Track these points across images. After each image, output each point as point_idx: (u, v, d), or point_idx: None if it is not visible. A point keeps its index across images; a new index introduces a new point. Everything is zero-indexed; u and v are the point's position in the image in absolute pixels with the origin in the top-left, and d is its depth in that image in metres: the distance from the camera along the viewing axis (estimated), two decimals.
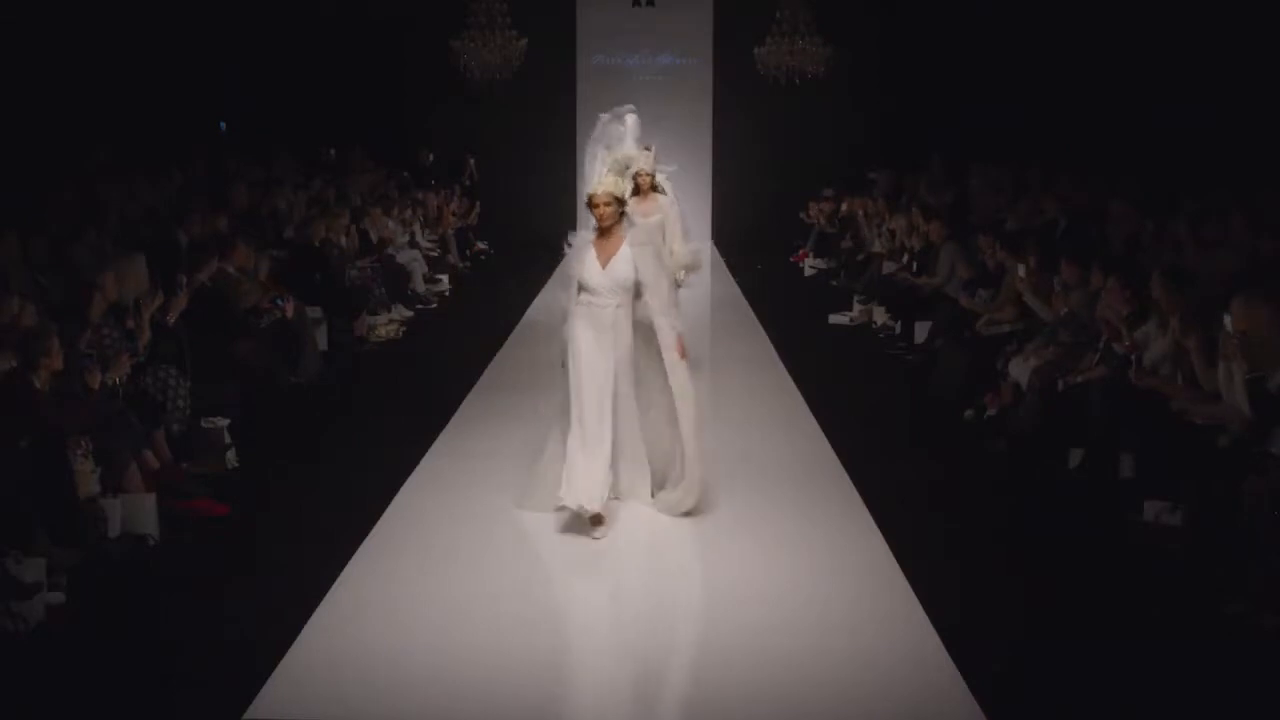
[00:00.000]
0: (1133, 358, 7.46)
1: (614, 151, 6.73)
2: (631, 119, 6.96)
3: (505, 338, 11.93)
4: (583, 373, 6.55)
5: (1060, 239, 10.88)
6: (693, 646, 5.42)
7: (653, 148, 9.21)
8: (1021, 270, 9.19)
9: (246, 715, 4.71)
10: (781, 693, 4.94)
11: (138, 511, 6.51)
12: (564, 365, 6.71)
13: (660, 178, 9.50)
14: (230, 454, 7.79)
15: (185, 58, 16.33)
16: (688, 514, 6.77)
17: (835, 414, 8.98)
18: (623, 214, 6.72)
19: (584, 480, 6.43)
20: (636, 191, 8.93)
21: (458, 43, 17.02)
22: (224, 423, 7.85)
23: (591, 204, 6.59)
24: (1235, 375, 6.38)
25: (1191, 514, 6.33)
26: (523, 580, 6.01)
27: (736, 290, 14.83)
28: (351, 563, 6.14)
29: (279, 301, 9.68)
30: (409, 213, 15.55)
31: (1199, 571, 5.96)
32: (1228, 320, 6.48)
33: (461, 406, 9.31)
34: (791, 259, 17.84)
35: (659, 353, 6.67)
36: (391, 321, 12.43)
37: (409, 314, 13.02)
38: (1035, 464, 7.76)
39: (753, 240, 18.39)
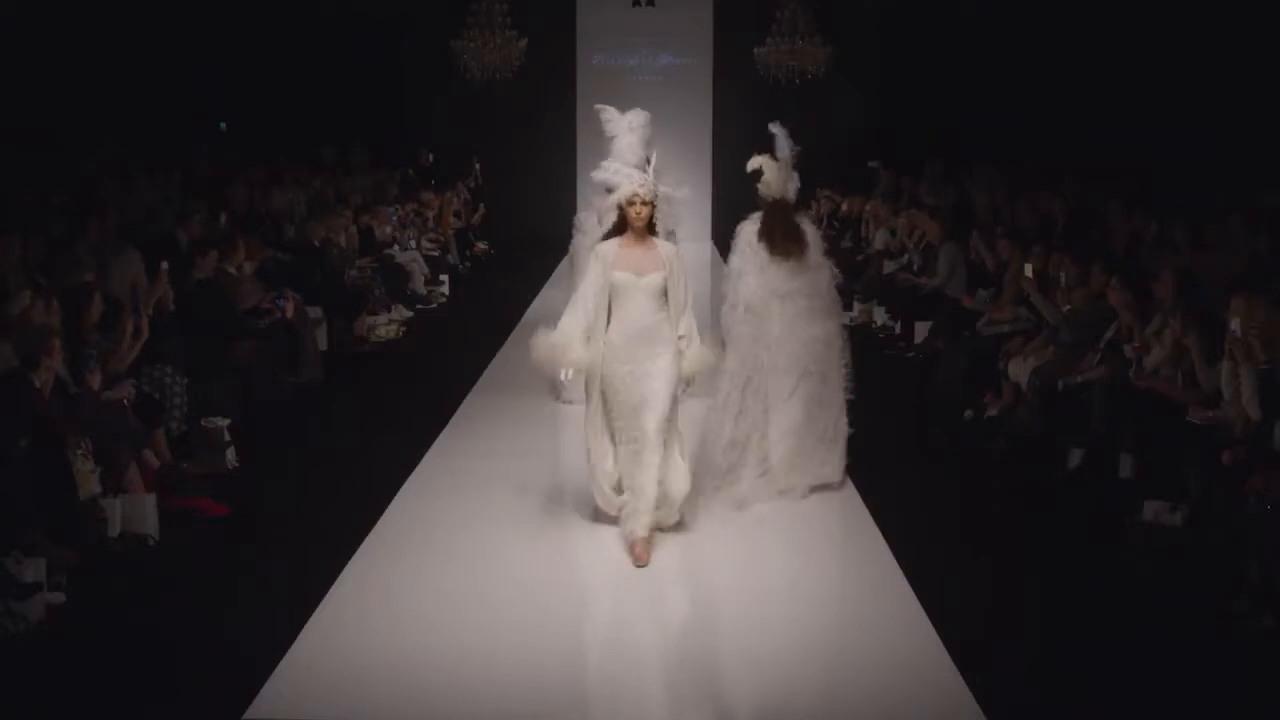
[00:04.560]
0: (1133, 358, 7.46)
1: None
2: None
3: (505, 338, 11.91)
4: None
5: (1060, 238, 10.88)
6: (691, 647, 5.41)
7: (653, 159, 6.50)
8: (1028, 269, 9.19)
9: (246, 715, 4.71)
10: (782, 692, 4.94)
11: (138, 511, 6.51)
12: None
13: (663, 212, 6.77)
14: (230, 454, 7.79)
15: (185, 58, 16.31)
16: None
17: None
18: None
19: None
20: (621, 230, 6.38)
21: (458, 43, 17.00)
22: (224, 423, 7.85)
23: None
24: (1243, 376, 6.36)
25: (1191, 514, 6.33)
26: (522, 581, 6.00)
27: None
28: (351, 563, 6.14)
29: (279, 301, 9.67)
30: (411, 215, 15.52)
31: (1199, 571, 5.96)
32: (1235, 324, 6.46)
33: (461, 406, 9.31)
34: None
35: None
36: (391, 321, 12.42)
37: (409, 314, 13.00)
38: (1035, 464, 7.77)
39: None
